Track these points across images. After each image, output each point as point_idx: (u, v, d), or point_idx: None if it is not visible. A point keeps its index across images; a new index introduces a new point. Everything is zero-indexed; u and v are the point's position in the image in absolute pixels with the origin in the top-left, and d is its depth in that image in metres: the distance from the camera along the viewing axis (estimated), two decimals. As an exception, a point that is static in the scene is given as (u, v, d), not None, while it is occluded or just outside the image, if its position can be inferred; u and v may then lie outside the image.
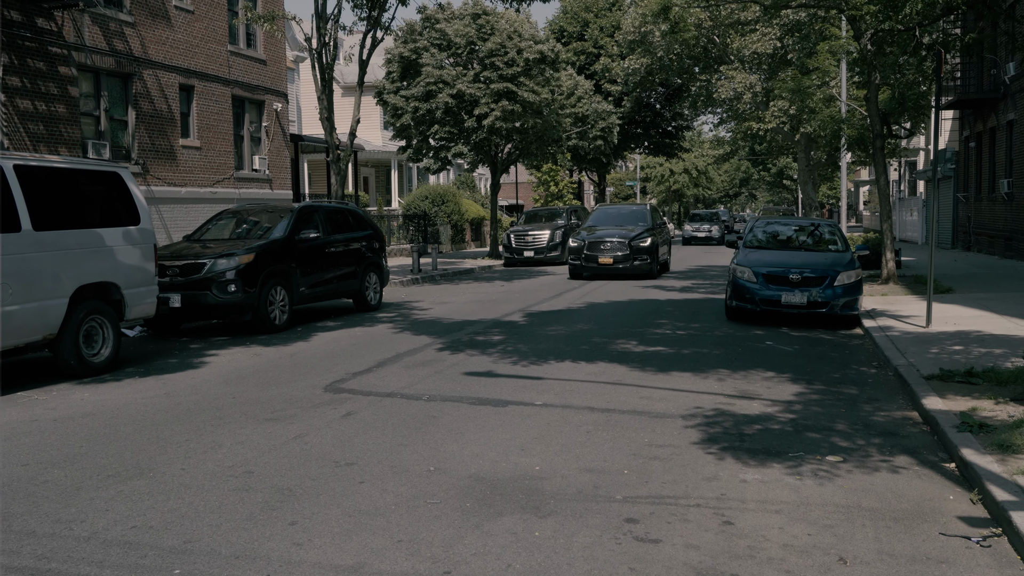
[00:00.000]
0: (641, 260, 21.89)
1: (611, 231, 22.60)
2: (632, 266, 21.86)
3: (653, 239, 22.29)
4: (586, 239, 22.32)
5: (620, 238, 22.03)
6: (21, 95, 16.97)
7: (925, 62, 17.19)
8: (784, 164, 68.67)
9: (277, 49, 25.65)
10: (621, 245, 21.93)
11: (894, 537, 4.71)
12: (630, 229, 22.57)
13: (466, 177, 48.95)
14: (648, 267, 22.02)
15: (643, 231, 22.49)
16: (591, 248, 22.11)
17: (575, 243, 22.50)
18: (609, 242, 22.03)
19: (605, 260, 21.89)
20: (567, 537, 4.69)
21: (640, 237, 22.15)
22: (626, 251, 21.84)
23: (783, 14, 28.16)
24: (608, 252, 21.95)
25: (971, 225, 29.86)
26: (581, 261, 22.19)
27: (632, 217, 24.18)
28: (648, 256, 21.97)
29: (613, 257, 21.89)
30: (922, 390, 7.81)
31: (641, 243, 22.00)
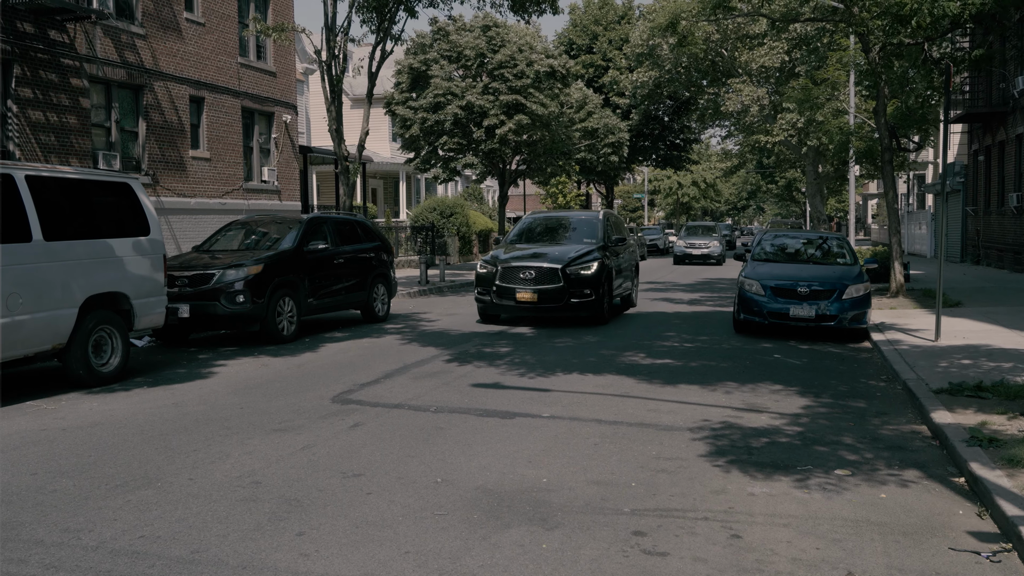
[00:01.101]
0: (582, 297, 14.42)
1: (540, 251, 15.34)
2: (568, 304, 14.38)
3: (602, 264, 14.78)
4: (499, 262, 14.91)
5: (551, 263, 14.52)
6: (33, 106, 17.09)
7: (934, 75, 17.20)
8: (793, 177, 68.65)
9: (287, 61, 25.79)
10: (551, 274, 14.38)
11: (903, 552, 4.68)
12: (570, 248, 15.33)
13: (474, 189, 49.04)
14: (593, 306, 14.54)
15: (588, 252, 14.96)
16: (505, 277, 14.63)
17: (484, 269, 15.02)
18: (532, 268, 14.51)
19: (525, 296, 14.37)
20: (574, 550, 4.68)
21: (581, 261, 14.61)
22: (557, 283, 14.33)
23: (791, 28, 28.23)
24: (530, 284, 14.45)
25: (980, 239, 29.77)
26: (491, 296, 14.80)
27: (576, 229, 16.52)
28: (592, 290, 14.46)
29: (538, 292, 14.33)
30: (931, 404, 7.78)
31: (582, 270, 14.45)
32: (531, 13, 22.70)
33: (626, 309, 17.46)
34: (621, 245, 16.67)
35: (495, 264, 14.95)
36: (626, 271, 16.87)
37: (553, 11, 23.05)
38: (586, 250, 15.05)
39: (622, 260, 16.49)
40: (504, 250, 15.70)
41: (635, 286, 18.13)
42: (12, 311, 8.41)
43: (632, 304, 18.00)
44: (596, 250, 15.14)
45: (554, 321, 15.34)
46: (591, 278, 14.51)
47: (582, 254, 14.85)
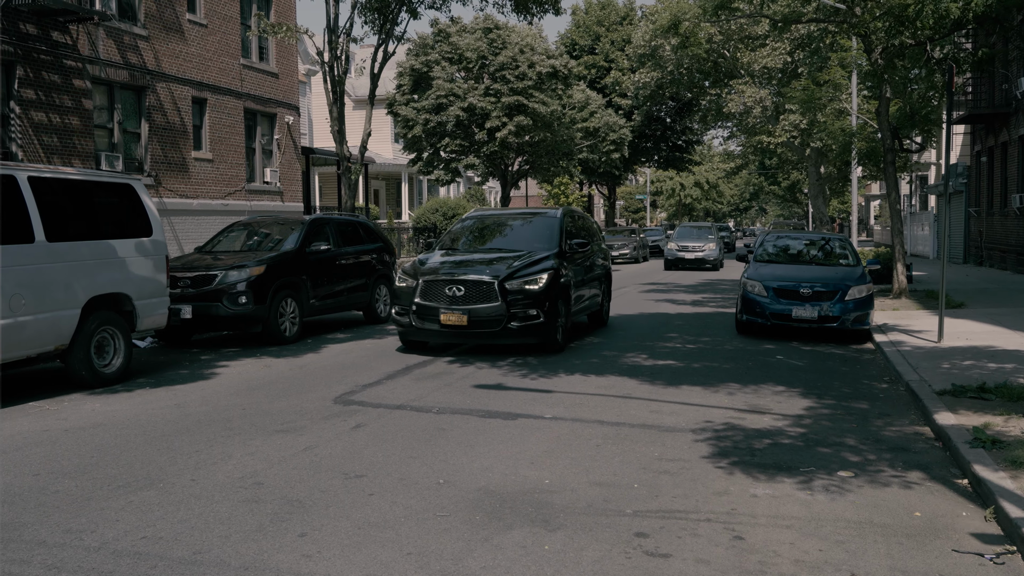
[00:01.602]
0: (526, 319, 11.35)
1: (477, 259, 12.30)
2: (507, 329, 11.35)
3: (556, 276, 11.76)
4: (421, 274, 11.82)
5: (486, 275, 11.45)
6: (36, 107, 17.11)
7: (936, 76, 17.19)
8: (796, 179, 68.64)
9: (289, 62, 25.81)
10: (485, 289, 11.34)
11: (906, 553, 4.67)
12: (515, 255, 12.16)
13: (476, 190, 49.07)
14: (541, 331, 11.49)
15: (538, 260, 11.94)
16: (428, 293, 11.55)
17: (402, 281, 12.03)
18: (461, 283, 11.44)
19: (451, 318, 11.31)
20: (577, 551, 4.68)
21: (527, 273, 11.60)
22: (493, 301, 11.27)
23: (793, 29, 28.22)
24: (458, 303, 11.38)
25: (983, 240, 29.74)
26: (410, 318, 11.65)
27: (527, 231, 13.34)
28: (541, 309, 11.40)
29: (468, 313, 11.29)
30: (934, 405, 7.76)
31: (528, 284, 11.43)
32: (534, 14, 22.73)
33: (597, 327, 14.57)
34: (585, 250, 13.35)
35: (415, 276, 11.72)
36: (593, 282, 13.82)
37: (556, 11, 23.07)
38: (536, 258, 11.95)
39: (586, 269, 13.41)
40: (432, 256, 12.56)
41: (607, 298, 14.96)
42: (15, 312, 8.41)
43: (603, 321, 14.80)
44: (549, 258, 12.02)
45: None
46: (539, 294, 11.33)
47: (529, 263, 11.74)
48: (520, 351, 11.89)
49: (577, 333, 13.96)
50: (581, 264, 13.21)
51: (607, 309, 15.14)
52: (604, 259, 14.99)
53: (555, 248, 12.47)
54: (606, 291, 14.95)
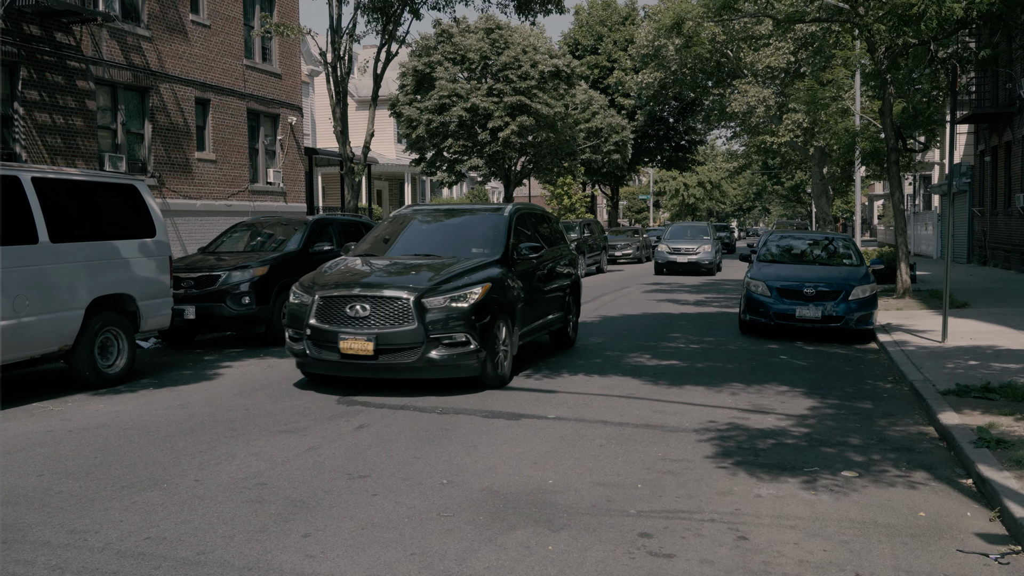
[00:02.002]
0: (452, 345, 8.86)
1: (394, 266, 9.88)
2: (426, 360, 8.78)
3: (494, 291, 9.34)
4: (318, 288, 9.28)
5: (400, 289, 8.95)
6: (39, 108, 17.14)
7: (939, 75, 17.15)
8: (799, 179, 68.61)
9: (292, 63, 25.84)
10: (397, 308, 8.82)
11: (911, 553, 4.66)
12: (444, 263, 9.73)
13: (479, 190, 49.07)
14: (473, 359, 8.94)
15: (472, 269, 9.54)
16: (325, 313, 9.06)
17: (296, 298, 9.46)
18: (368, 299, 8.91)
19: (354, 345, 8.76)
20: (580, 551, 4.67)
21: (455, 286, 9.10)
22: (407, 323, 8.76)
23: (796, 28, 28.20)
24: (362, 327, 8.83)
25: (987, 239, 29.70)
26: (305, 345, 9.17)
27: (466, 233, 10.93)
28: (472, 333, 8.90)
29: (375, 339, 8.73)
30: (938, 405, 7.75)
31: (455, 301, 8.95)
32: (537, 13, 22.72)
33: (562, 348, 12.16)
34: (538, 256, 10.72)
35: (311, 291, 9.17)
36: (553, 295, 11.31)
37: (559, 11, 23.06)
38: (471, 266, 9.46)
39: (543, 279, 10.91)
40: (340, 264, 10.05)
41: (574, 313, 12.45)
42: (18, 313, 8.42)
43: (569, 342, 12.25)
44: (489, 266, 9.60)
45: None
46: (470, 313, 8.79)
47: (461, 273, 9.20)
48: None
49: (583, 334, 13.93)
50: (535, 273, 10.64)
51: (574, 326, 12.54)
52: (570, 266, 12.35)
53: (498, 253, 9.94)
54: (573, 305, 12.38)
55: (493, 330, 9.16)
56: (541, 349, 12.13)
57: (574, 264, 12.69)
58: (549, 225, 12.38)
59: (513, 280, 9.88)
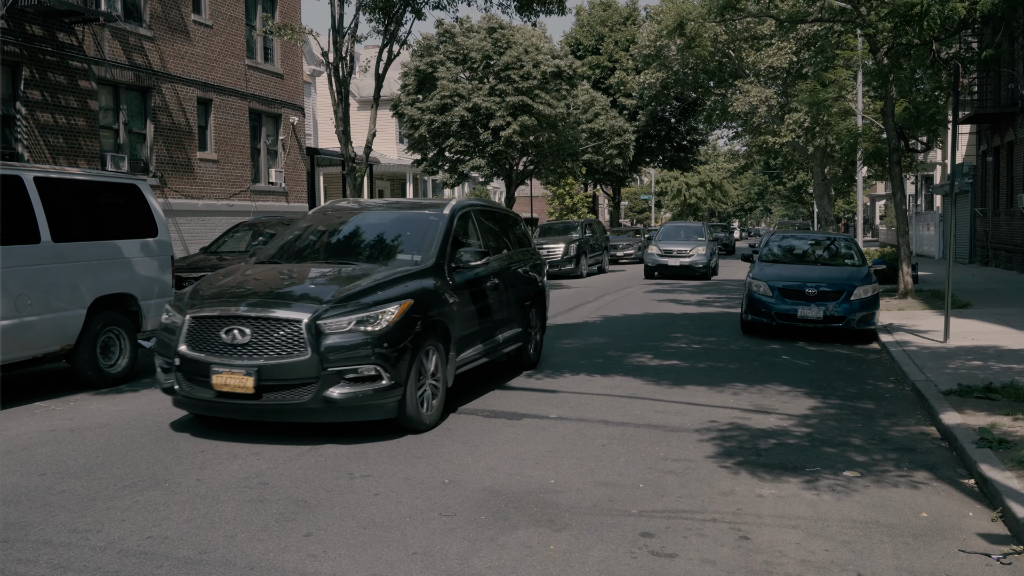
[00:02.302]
0: (358, 381, 6.86)
1: (295, 274, 7.97)
2: (322, 400, 6.78)
3: (416, 308, 7.33)
4: (191, 305, 7.32)
5: (294, 309, 6.94)
6: (42, 108, 17.15)
7: (942, 75, 17.14)
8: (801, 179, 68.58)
9: (294, 63, 25.85)
10: (287, 332, 6.83)
11: (913, 554, 4.66)
12: (357, 275, 7.62)
13: (481, 191, 49.08)
14: (386, 398, 6.97)
15: (391, 282, 7.50)
16: (196, 338, 7.10)
17: (167, 319, 7.55)
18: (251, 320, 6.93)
19: (230, 381, 6.79)
20: (582, 551, 4.67)
21: (362, 305, 7.08)
22: (299, 353, 6.77)
23: (799, 28, 28.19)
24: (241, 356, 6.85)
25: (989, 240, 29.67)
26: (176, 379, 7.22)
27: (391, 238, 8.80)
28: (385, 365, 6.90)
29: (258, 373, 6.75)
30: (940, 405, 7.75)
31: (364, 324, 6.95)
32: (538, 14, 22.71)
33: (522, 371, 10.25)
34: (483, 265, 8.86)
35: (183, 309, 7.31)
36: (507, 309, 9.42)
37: (560, 11, 23.04)
38: (391, 277, 7.52)
39: (491, 293, 8.98)
40: (233, 274, 8.03)
41: (537, 329, 10.65)
42: (20, 312, 8.43)
43: (530, 363, 10.40)
44: (415, 277, 7.68)
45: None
46: (382, 339, 6.88)
47: (373, 287, 7.27)
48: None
49: (584, 334, 13.92)
50: (482, 284, 8.76)
51: (538, 344, 10.68)
52: (533, 274, 10.54)
53: (430, 261, 8.00)
54: (536, 319, 10.58)
55: (415, 359, 7.15)
56: (546, 344, 12.11)
57: (538, 270, 10.84)
58: (508, 226, 10.52)
59: (449, 293, 7.95)
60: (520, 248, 10.53)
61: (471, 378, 9.54)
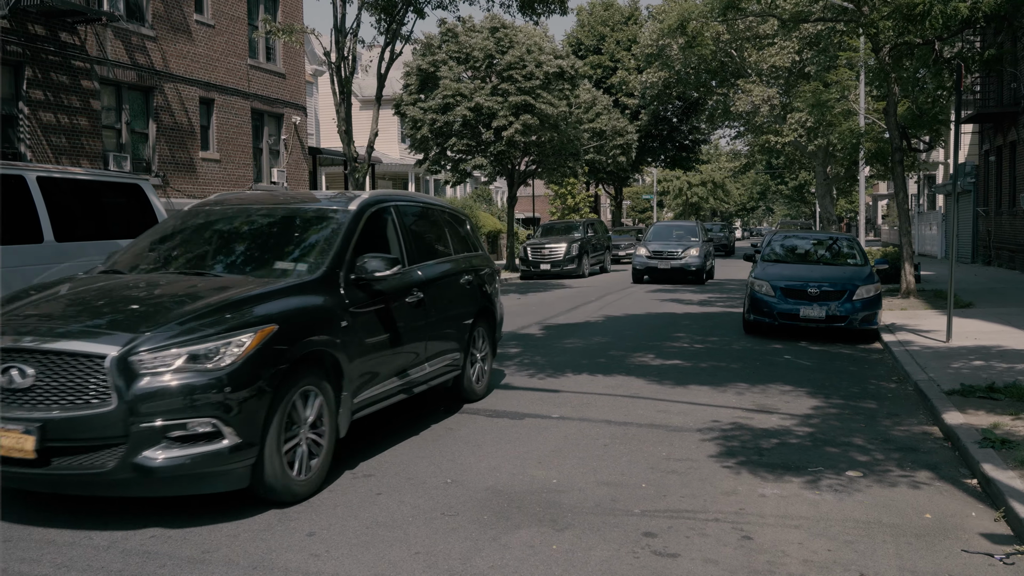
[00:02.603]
0: (187, 441, 4.92)
1: (126, 291, 5.86)
2: (135, 469, 4.83)
3: (279, 344, 5.35)
4: None
5: (101, 339, 4.97)
6: (44, 108, 17.17)
7: (944, 75, 17.13)
8: (803, 179, 68.54)
9: (296, 63, 25.86)
10: (81, 372, 4.89)
11: (915, 553, 4.66)
12: (206, 291, 5.65)
13: (483, 190, 49.06)
14: (228, 465, 5.04)
15: (246, 302, 5.48)
16: None
17: None
18: (31, 358, 4.94)
19: (4, 442, 4.78)
20: (585, 551, 4.67)
21: (197, 332, 5.10)
22: (101, 400, 4.84)
23: (801, 28, 28.17)
24: (18, 410, 4.86)
25: (991, 239, 29.64)
26: None
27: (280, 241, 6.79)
28: (226, 419, 4.98)
29: (39, 431, 4.77)
30: (943, 405, 7.74)
31: (197, 363, 5.00)
32: (540, 14, 22.70)
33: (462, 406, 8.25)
34: (408, 273, 7.21)
35: None
36: (437, 331, 7.59)
37: (562, 11, 23.03)
38: (255, 293, 5.72)
39: (416, 309, 7.17)
40: (56, 285, 6.29)
41: (484, 351, 8.77)
42: (24, 312, 8.43)
43: (471, 394, 8.40)
44: (292, 293, 5.89)
45: None
46: (222, 382, 5.05)
47: (225, 306, 5.44)
48: (527, 351, 11.58)
49: (587, 334, 13.92)
50: (392, 303, 6.74)
51: (482, 372, 8.67)
52: (478, 285, 8.60)
53: (317, 271, 6.14)
54: (482, 341, 8.73)
55: (280, 407, 5.30)
56: (549, 344, 12.12)
57: (488, 281, 8.96)
58: (448, 226, 8.57)
59: (343, 314, 6.00)
60: (465, 253, 8.65)
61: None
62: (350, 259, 6.39)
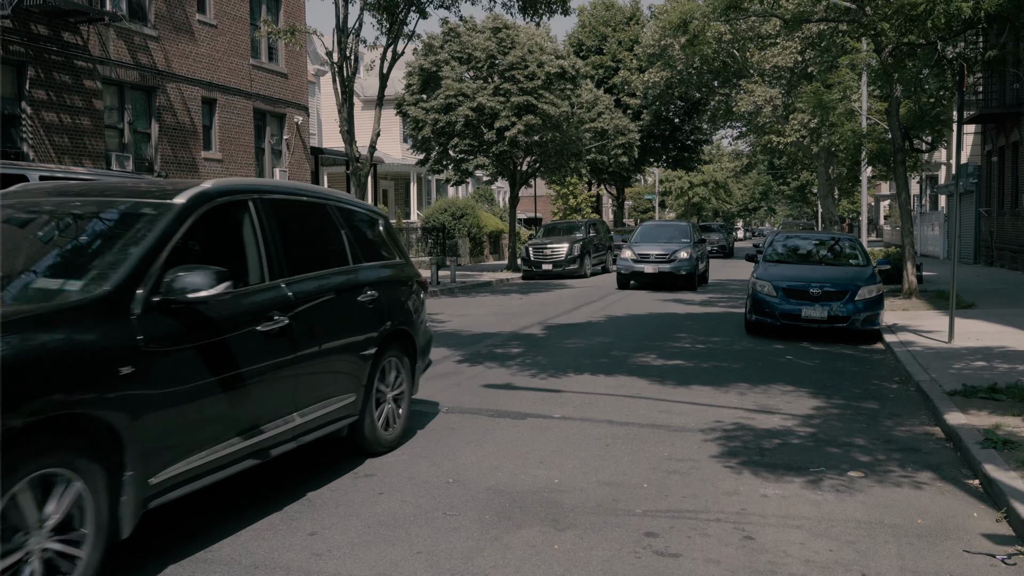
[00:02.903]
0: None
1: None
2: None
3: None
4: None
5: None
6: (47, 108, 17.19)
7: (947, 75, 17.12)
8: (805, 179, 68.51)
9: (298, 63, 25.88)
10: None
11: (917, 554, 4.66)
12: None
13: (485, 190, 49.08)
14: None
15: None
16: None
17: None
18: None
19: None
20: (586, 551, 4.68)
21: None
22: None
23: (803, 28, 28.17)
24: None
25: (994, 240, 29.62)
26: None
27: (55, 247, 4.89)
28: None
29: None
30: (944, 405, 7.74)
31: None
32: (541, 14, 22.70)
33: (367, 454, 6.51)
34: (250, 292, 5.29)
35: None
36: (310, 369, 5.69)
37: (563, 12, 23.03)
38: None
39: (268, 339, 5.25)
40: None
41: (393, 388, 6.93)
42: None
43: (377, 446, 6.59)
44: (27, 325, 3.80)
45: None
46: None
47: None
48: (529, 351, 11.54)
49: (589, 334, 13.92)
50: (230, 334, 4.98)
51: (393, 416, 6.86)
52: (393, 302, 6.82)
53: (99, 290, 4.31)
54: (399, 376, 6.99)
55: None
56: (551, 344, 12.13)
57: (404, 296, 7.05)
58: (346, 228, 6.61)
59: (129, 355, 4.18)
60: (373, 263, 6.78)
61: (481, 375, 9.48)
62: (157, 273, 4.51)
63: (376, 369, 6.52)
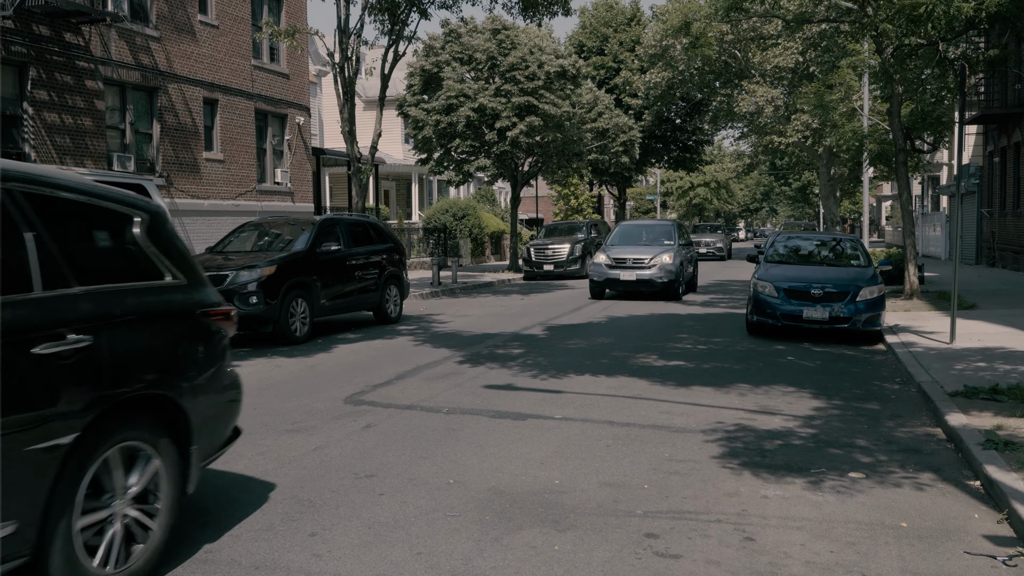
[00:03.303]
0: None
1: None
2: None
3: None
4: None
5: None
6: (48, 108, 17.20)
7: (948, 76, 17.11)
8: (807, 180, 68.46)
9: (300, 63, 25.89)
10: None
11: (918, 555, 4.65)
12: None
13: (486, 191, 49.06)
14: None
15: None
16: None
17: None
18: None
19: None
20: (587, 552, 4.67)
21: None
22: None
23: (805, 28, 28.16)
24: None
25: (995, 241, 29.59)
26: None
27: None
28: None
29: None
30: (946, 407, 7.73)
31: None
32: (542, 15, 22.69)
33: None
34: None
35: None
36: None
37: (565, 12, 23.01)
38: None
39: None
40: None
41: (150, 518, 4.32)
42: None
43: None
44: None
45: None
46: None
47: None
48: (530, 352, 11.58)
49: (590, 334, 13.92)
50: None
51: (122, 545, 4.16)
52: (144, 342, 4.37)
53: None
54: (134, 474, 4.24)
55: None
56: (552, 345, 12.13)
57: (168, 340, 4.60)
58: (51, 233, 3.94)
59: None
60: (104, 284, 4.23)
61: (482, 375, 9.48)
62: None
63: (79, 472, 3.86)
